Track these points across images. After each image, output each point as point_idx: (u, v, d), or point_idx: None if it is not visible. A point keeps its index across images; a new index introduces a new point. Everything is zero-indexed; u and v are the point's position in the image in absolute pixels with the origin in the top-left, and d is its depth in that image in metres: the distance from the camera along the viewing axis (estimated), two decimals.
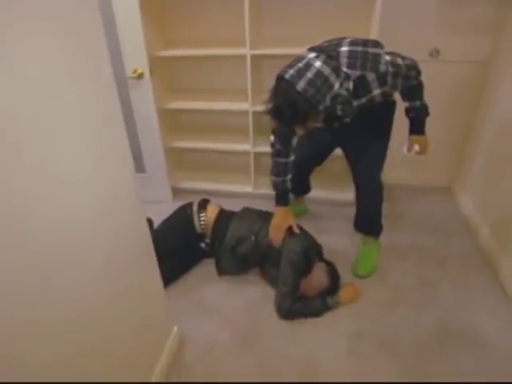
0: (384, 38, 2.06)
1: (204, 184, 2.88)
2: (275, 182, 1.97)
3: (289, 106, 1.42)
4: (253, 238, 1.95)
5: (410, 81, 1.70)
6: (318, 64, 1.42)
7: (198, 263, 2.22)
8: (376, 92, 1.59)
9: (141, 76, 2.32)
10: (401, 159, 2.25)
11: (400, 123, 1.92)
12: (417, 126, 1.88)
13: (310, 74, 1.40)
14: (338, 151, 2.14)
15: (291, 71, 1.41)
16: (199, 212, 2.06)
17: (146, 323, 1.46)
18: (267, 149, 2.55)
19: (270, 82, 1.52)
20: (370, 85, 1.56)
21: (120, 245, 1.20)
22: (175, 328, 1.75)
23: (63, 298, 0.95)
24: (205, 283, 2.11)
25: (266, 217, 2.02)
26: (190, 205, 2.11)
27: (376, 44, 1.57)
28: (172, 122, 2.85)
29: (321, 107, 1.44)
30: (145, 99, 2.41)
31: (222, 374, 1.65)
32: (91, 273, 1.07)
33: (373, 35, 2.13)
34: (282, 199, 2.00)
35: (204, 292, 2.06)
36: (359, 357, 1.70)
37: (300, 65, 1.42)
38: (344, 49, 1.51)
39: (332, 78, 1.43)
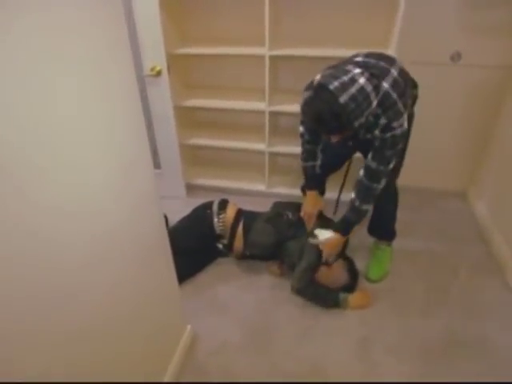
0: (405, 41, 2.07)
1: (218, 181, 2.90)
2: (305, 167, 2.02)
3: (331, 116, 1.43)
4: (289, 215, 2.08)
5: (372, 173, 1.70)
6: (362, 81, 1.42)
7: (212, 262, 2.26)
8: (376, 133, 1.61)
9: (159, 73, 2.33)
10: (415, 161, 2.23)
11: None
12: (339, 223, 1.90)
13: (353, 90, 1.41)
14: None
15: (336, 83, 1.42)
16: (219, 213, 2.10)
17: (161, 322, 1.50)
18: (282, 149, 2.63)
19: (286, 82, 1.49)
20: (378, 125, 1.59)
21: (139, 245, 1.22)
22: (189, 327, 1.79)
23: (84, 300, 0.98)
24: (218, 282, 2.15)
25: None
26: (209, 204, 2.15)
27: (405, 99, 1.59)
28: (188, 119, 2.86)
29: (357, 123, 1.47)
30: (162, 96, 2.42)
31: (235, 373, 1.69)
32: (110, 275, 1.09)
33: (394, 38, 2.10)
34: (311, 184, 2.06)
35: (217, 291, 2.10)
36: (368, 361, 1.73)
37: (345, 78, 1.43)
38: (385, 85, 1.52)
39: (372, 96, 1.45)
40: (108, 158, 1.01)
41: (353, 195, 1.82)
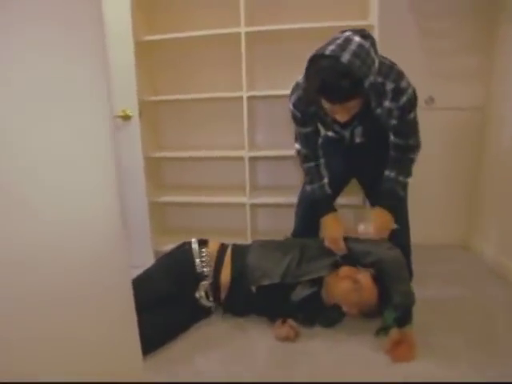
0: None
1: None
2: (312, 190, 1.79)
3: (339, 77, 1.28)
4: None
5: (403, 138, 1.61)
6: (357, 39, 1.32)
7: (188, 326, 1.72)
8: (386, 105, 1.50)
9: (128, 118, 2.17)
10: (418, 222, 2.05)
11: None
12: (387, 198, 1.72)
13: (352, 47, 1.29)
14: None
15: (331, 47, 1.30)
16: (200, 251, 1.74)
17: None
18: (265, 200, 2.40)
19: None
20: (385, 94, 1.49)
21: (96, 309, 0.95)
22: None
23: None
24: (196, 352, 1.59)
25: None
26: (187, 243, 1.80)
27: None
28: (158, 174, 2.63)
29: (367, 82, 1.32)
30: (131, 144, 2.22)
31: None
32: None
33: None
34: (325, 206, 1.78)
35: (194, 363, 1.53)
36: None
37: (339, 41, 1.32)
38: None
39: (372, 52, 1.34)
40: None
41: (386, 172, 1.65)
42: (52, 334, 0.82)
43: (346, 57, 1.27)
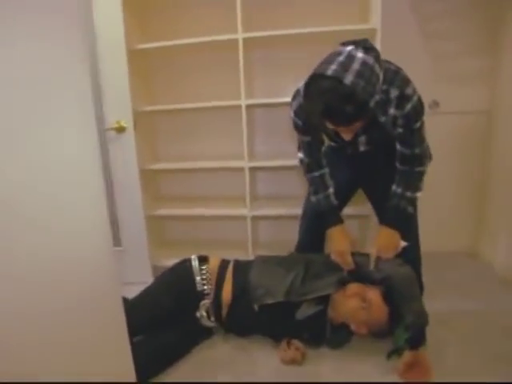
0: None
1: None
2: (317, 201, 1.72)
3: (343, 101, 1.21)
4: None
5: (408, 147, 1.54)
6: (360, 55, 1.24)
7: (189, 349, 1.64)
8: (391, 112, 1.43)
9: (122, 129, 2.08)
10: (424, 229, 1.93)
11: None
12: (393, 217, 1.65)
13: (356, 66, 1.21)
14: None
15: (333, 67, 1.22)
16: (200, 269, 1.68)
17: None
18: (267, 212, 2.32)
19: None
20: (390, 101, 1.41)
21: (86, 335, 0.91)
22: None
23: None
24: (196, 379, 1.50)
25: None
26: (187, 260, 1.73)
27: None
28: (155, 186, 2.53)
29: (372, 102, 1.24)
30: (126, 157, 2.14)
31: None
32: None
33: None
34: (332, 218, 1.71)
35: None
36: None
37: (341, 59, 1.23)
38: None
39: (376, 68, 1.25)
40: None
41: (393, 187, 1.59)
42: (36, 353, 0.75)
43: (349, 78, 1.19)
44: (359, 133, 1.55)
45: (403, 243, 1.64)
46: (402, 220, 1.62)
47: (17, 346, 0.72)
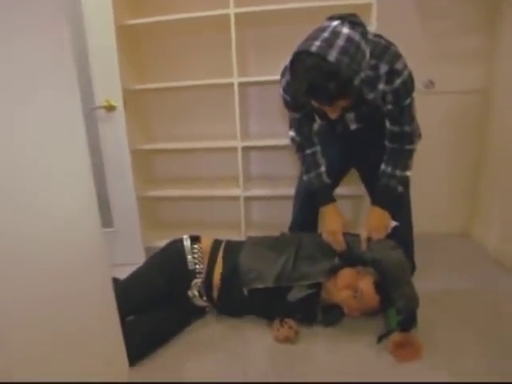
0: None
1: None
2: (309, 180, 1.70)
3: (326, 78, 1.19)
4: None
5: (397, 124, 1.51)
6: (346, 30, 1.20)
7: (181, 328, 1.64)
8: (380, 87, 1.39)
9: (112, 108, 2.03)
10: (415, 210, 1.92)
11: None
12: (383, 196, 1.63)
13: (340, 42, 1.18)
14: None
15: (317, 43, 1.18)
16: (192, 247, 1.67)
17: None
18: (259, 192, 2.30)
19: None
20: (379, 77, 1.38)
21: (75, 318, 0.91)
22: None
23: None
24: (188, 357, 1.50)
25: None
26: (179, 240, 1.72)
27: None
28: (147, 166, 2.49)
29: (357, 80, 1.21)
30: (116, 137, 2.09)
31: None
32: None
33: None
34: (324, 197, 1.69)
35: (187, 369, 1.45)
36: None
37: (325, 34, 1.20)
38: (369, 34, 1.33)
39: (363, 44, 1.22)
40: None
41: (382, 166, 1.57)
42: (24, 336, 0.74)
43: (333, 55, 1.16)
44: (347, 110, 1.52)
45: (393, 223, 1.63)
46: (392, 200, 1.61)
47: (5, 327, 0.71)
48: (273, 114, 2.33)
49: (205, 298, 1.64)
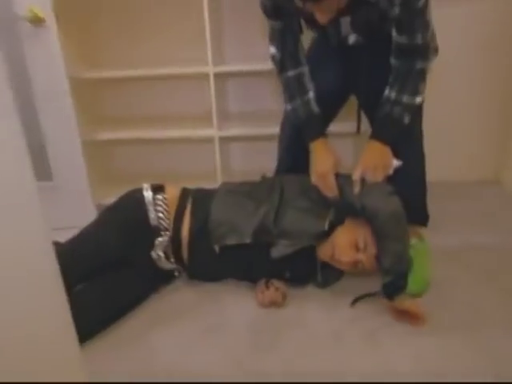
0: None
1: None
2: (293, 110, 1.47)
3: None
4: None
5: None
6: None
7: (145, 296, 1.44)
8: None
9: (39, 20, 1.58)
10: (436, 154, 1.71)
11: None
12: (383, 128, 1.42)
13: None
14: None
15: None
16: (155, 197, 1.46)
17: None
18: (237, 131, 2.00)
19: None
20: None
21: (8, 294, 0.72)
22: None
23: None
24: (153, 328, 1.32)
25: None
26: (137, 190, 1.51)
27: None
28: (95, 101, 2.10)
29: None
30: (49, 61, 1.66)
31: None
32: None
33: None
34: (311, 130, 1.46)
35: (151, 342, 1.27)
36: None
37: None
38: None
39: None
40: None
41: (386, 91, 1.35)
42: None
43: None
44: (342, 13, 1.24)
45: (396, 162, 1.40)
46: (396, 133, 1.38)
47: None
48: (253, 31, 1.95)
49: (172, 260, 1.45)
